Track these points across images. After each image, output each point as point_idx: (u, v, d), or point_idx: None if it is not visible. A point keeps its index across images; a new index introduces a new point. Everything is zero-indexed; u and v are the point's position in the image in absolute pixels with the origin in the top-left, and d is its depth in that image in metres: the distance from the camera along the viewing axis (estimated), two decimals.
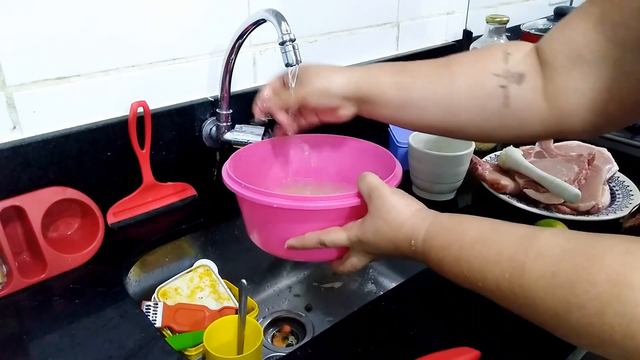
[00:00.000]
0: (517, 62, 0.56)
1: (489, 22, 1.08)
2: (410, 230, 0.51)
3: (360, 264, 0.57)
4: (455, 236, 0.47)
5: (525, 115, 0.56)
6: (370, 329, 0.59)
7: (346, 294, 0.89)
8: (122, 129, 0.73)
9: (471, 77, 0.57)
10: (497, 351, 0.55)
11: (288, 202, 0.54)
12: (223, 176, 0.61)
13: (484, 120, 0.58)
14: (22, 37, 0.63)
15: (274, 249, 0.62)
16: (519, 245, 0.42)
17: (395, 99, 0.60)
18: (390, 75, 0.61)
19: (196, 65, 0.80)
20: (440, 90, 0.58)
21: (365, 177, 0.55)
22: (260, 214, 0.60)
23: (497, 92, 0.56)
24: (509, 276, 0.41)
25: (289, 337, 0.80)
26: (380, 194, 0.53)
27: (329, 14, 0.95)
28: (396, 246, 0.52)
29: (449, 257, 0.47)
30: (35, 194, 0.65)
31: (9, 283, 0.62)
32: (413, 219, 0.51)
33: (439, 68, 0.60)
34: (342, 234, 0.55)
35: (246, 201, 0.58)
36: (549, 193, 0.80)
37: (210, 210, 0.81)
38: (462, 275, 0.46)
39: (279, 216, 0.57)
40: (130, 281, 0.71)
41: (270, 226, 0.60)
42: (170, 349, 0.55)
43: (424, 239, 0.50)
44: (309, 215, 0.56)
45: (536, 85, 0.55)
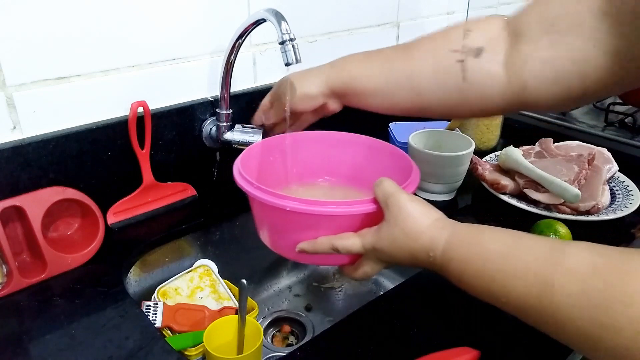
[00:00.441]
0: (476, 36, 0.56)
1: None
2: (428, 240, 0.49)
3: (373, 272, 0.55)
4: (476, 248, 0.46)
5: (485, 88, 0.55)
6: (370, 329, 0.59)
7: (346, 294, 0.89)
8: (122, 129, 0.73)
9: (430, 56, 0.58)
10: (497, 351, 0.55)
11: (301, 206, 0.53)
12: (234, 174, 0.60)
13: (446, 97, 0.58)
14: (22, 37, 0.63)
15: (284, 251, 0.60)
16: (546, 260, 0.40)
17: (363, 88, 0.63)
18: (355, 65, 0.64)
19: (196, 65, 0.80)
20: (402, 74, 0.60)
21: (381, 183, 0.53)
22: (271, 216, 0.58)
23: (454, 67, 0.56)
24: (536, 292, 0.39)
25: (289, 337, 0.80)
26: (397, 201, 0.51)
27: (329, 14, 0.95)
28: (413, 256, 0.50)
29: (471, 271, 0.45)
30: (35, 194, 0.65)
31: (9, 283, 0.62)
32: (431, 229, 0.49)
33: (399, 52, 0.62)
34: (356, 241, 0.53)
35: (257, 202, 0.57)
36: (549, 193, 0.80)
37: (210, 210, 0.81)
38: (484, 290, 0.44)
39: (291, 219, 0.55)
40: (130, 281, 0.71)
41: (281, 228, 0.59)
42: (170, 349, 0.55)
43: (443, 251, 0.48)
44: (322, 219, 0.54)
45: (496, 57, 0.54)
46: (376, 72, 0.62)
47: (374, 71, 0.62)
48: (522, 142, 0.95)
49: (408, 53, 0.61)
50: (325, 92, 0.65)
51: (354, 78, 0.63)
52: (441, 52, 0.57)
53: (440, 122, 1.00)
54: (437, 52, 0.58)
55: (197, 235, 0.80)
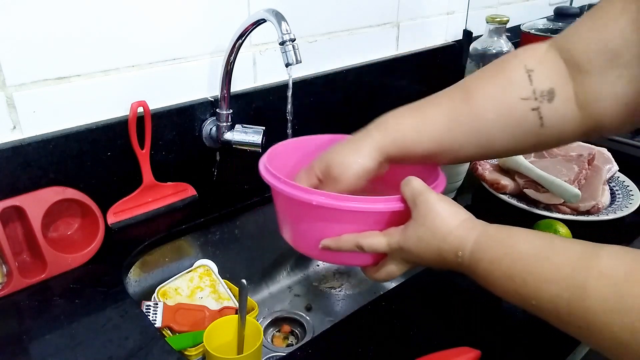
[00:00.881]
0: (542, 77, 0.51)
1: (489, 22, 1.08)
2: (457, 240, 0.48)
3: (398, 272, 0.54)
4: (506, 249, 0.45)
5: (562, 129, 0.53)
6: (370, 329, 0.59)
7: (346, 294, 0.89)
8: (122, 129, 0.73)
9: (498, 108, 0.53)
10: (497, 351, 0.55)
11: (328, 201, 0.52)
12: (260, 169, 0.59)
13: (521, 143, 0.55)
14: (22, 37, 0.63)
15: (306, 249, 0.59)
16: (578, 263, 0.39)
17: (426, 150, 0.56)
18: (410, 125, 0.56)
19: (196, 65, 0.80)
20: (469, 128, 0.54)
21: (410, 182, 0.52)
22: (296, 211, 0.57)
23: (529, 116, 0.52)
24: (568, 296, 0.38)
25: (289, 337, 0.80)
26: (426, 200, 0.50)
27: (329, 14, 0.95)
28: (440, 256, 0.49)
29: (499, 272, 0.44)
30: (35, 194, 0.65)
31: (9, 283, 0.62)
32: (460, 228, 0.48)
33: (458, 102, 0.55)
34: (381, 239, 0.52)
35: (282, 196, 0.56)
36: (549, 193, 0.80)
37: (210, 210, 0.81)
38: (513, 292, 0.43)
39: (317, 214, 0.54)
40: (130, 281, 0.71)
41: (305, 224, 0.57)
42: (170, 349, 0.55)
43: (471, 251, 0.47)
44: (348, 215, 0.53)
45: (568, 95, 0.51)
46: (438, 130, 0.55)
47: (435, 129, 0.55)
48: None
49: (470, 103, 0.54)
50: (379, 161, 0.56)
51: (414, 141, 0.56)
52: (510, 100, 0.53)
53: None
54: (505, 101, 0.53)
55: (197, 235, 0.80)
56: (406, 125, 0.56)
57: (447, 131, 0.55)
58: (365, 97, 1.07)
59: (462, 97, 0.55)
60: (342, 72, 1.00)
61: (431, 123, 0.56)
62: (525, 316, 0.59)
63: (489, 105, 0.53)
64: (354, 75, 1.02)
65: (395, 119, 0.58)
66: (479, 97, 0.54)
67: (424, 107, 0.57)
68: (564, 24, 1.25)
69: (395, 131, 0.56)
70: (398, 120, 0.57)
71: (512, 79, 0.53)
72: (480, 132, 0.54)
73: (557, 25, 1.25)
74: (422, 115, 0.56)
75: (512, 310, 0.60)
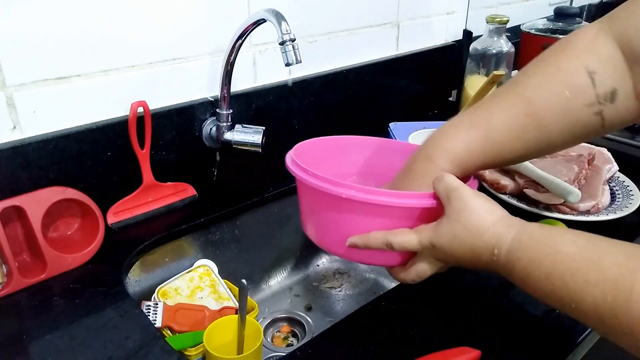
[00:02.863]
0: (604, 78, 0.50)
1: (489, 22, 1.08)
2: (493, 238, 0.46)
3: (429, 271, 0.52)
4: (547, 249, 0.43)
5: (622, 122, 0.52)
6: (370, 329, 0.59)
7: (346, 294, 0.89)
8: (122, 129, 0.73)
9: (562, 118, 0.52)
10: (497, 351, 0.55)
11: (359, 194, 0.50)
12: (287, 162, 0.57)
13: (580, 140, 0.55)
14: (22, 37, 0.63)
15: (332, 246, 0.58)
16: (624, 265, 0.37)
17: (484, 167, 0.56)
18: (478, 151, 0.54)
19: (196, 65, 0.80)
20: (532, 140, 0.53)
21: (443, 178, 0.50)
22: (324, 205, 0.55)
23: (592, 119, 0.51)
24: (612, 300, 0.37)
25: (289, 337, 0.80)
26: (461, 196, 0.48)
27: (329, 14, 0.95)
28: (475, 254, 0.47)
29: (538, 273, 0.43)
30: (35, 194, 0.65)
31: (9, 283, 0.62)
32: (497, 226, 0.47)
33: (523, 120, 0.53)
34: (412, 237, 0.50)
35: (310, 189, 0.54)
36: (549, 193, 0.80)
37: (210, 210, 0.81)
38: (551, 294, 0.42)
39: (346, 208, 0.52)
40: (130, 281, 0.71)
41: (333, 219, 0.55)
42: (170, 349, 0.55)
43: (509, 249, 0.45)
44: (378, 210, 0.51)
45: (628, 91, 0.50)
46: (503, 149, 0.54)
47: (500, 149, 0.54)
48: None
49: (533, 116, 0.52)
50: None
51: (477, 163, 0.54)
52: (574, 109, 0.51)
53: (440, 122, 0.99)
54: (570, 110, 0.51)
55: (197, 235, 0.80)
56: (472, 148, 0.54)
57: (510, 147, 0.54)
58: (365, 97, 1.07)
59: (525, 111, 0.53)
60: (342, 72, 1.00)
61: (497, 143, 0.54)
62: (525, 316, 0.59)
63: (553, 117, 0.52)
64: (354, 75, 1.02)
65: (456, 141, 0.54)
66: (543, 109, 0.52)
67: (484, 124, 0.54)
68: (564, 24, 1.25)
69: (461, 155, 0.54)
70: (461, 143, 0.54)
71: (575, 84, 0.51)
72: (542, 141, 0.53)
73: (557, 25, 1.25)
74: (486, 134, 0.54)
75: (512, 310, 0.60)
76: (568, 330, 0.57)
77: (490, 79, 0.87)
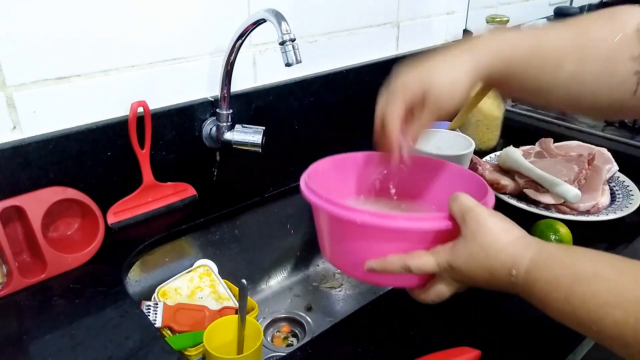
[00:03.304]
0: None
1: (489, 22, 1.08)
2: (510, 258, 0.45)
3: (448, 292, 0.51)
4: (566, 270, 0.42)
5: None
6: (370, 329, 0.59)
7: (346, 294, 0.89)
8: (122, 129, 0.73)
9: (603, 59, 0.51)
10: (497, 351, 0.55)
11: (373, 219, 0.49)
12: (301, 186, 0.57)
13: (607, 106, 0.54)
14: (22, 37, 0.63)
15: (349, 270, 0.57)
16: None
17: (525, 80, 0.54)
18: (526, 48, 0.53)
19: (196, 65, 0.80)
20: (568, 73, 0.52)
21: (458, 198, 0.49)
22: (338, 230, 0.55)
23: (629, 79, 0.51)
24: (634, 322, 0.36)
25: (289, 337, 0.80)
26: (476, 215, 0.47)
27: (329, 14, 0.95)
28: (492, 275, 0.46)
29: (557, 293, 0.42)
30: (35, 194, 0.65)
31: (9, 283, 0.62)
32: (514, 246, 0.46)
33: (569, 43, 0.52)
34: (429, 259, 0.49)
35: (324, 215, 0.54)
36: (549, 193, 0.80)
37: (210, 210, 0.81)
38: (571, 315, 0.41)
39: (360, 233, 0.52)
40: (130, 281, 0.71)
41: (348, 244, 0.54)
42: (170, 349, 0.55)
43: (527, 270, 0.44)
44: (393, 234, 0.51)
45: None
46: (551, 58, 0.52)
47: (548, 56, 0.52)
48: (522, 142, 0.95)
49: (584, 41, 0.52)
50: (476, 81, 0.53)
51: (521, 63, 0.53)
52: (618, 57, 0.51)
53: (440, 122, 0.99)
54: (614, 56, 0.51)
55: (197, 235, 0.80)
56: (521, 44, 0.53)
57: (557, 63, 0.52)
58: (365, 97, 1.07)
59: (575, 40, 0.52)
60: (342, 72, 1.00)
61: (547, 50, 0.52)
62: (525, 316, 0.59)
63: (597, 55, 0.52)
64: (354, 75, 1.02)
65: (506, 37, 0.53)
66: (590, 43, 0.52)
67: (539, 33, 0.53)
68: None
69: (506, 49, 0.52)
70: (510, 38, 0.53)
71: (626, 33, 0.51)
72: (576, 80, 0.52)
73: None
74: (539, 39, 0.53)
75: (512, 310, 0.60)
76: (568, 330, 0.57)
77: None
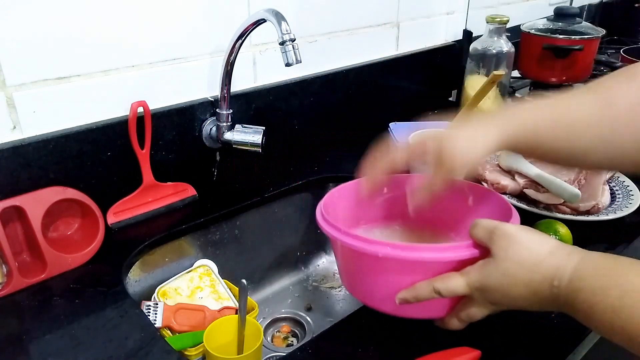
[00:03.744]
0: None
1: (489, 22, 1.08)
2: (552, 269, 0.43)
3: (480, 314, 0.50)
4: (613, 280, 0.40)
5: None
6: (370, 329, 0.59)
7: (346, 294, 0.89)
8: (122, 129, 0.73)
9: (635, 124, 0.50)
10: (498, 351, 0.55)
11: (396, 252, 0.48)
12: (317, 218, 0.55)
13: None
14: (22, 37, 0.63)
15: (375, 304, 0.56)
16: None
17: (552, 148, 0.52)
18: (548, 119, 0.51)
19: (196, 65, 0.80)
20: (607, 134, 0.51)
21: (478, 224, 0.48)
22: (361, 264, 0.53)
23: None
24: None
25: (289, 337, 0.80)
26: (505, 232, 0.46)
27: (329, 14, 0.95)
28: (531, 290, 0.44)
29: (603, 305, 0.40)
30: (35, 194, 0.65)
31: (9, 283, 0.62)
32: (554, 256, 0.44)
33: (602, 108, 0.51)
34: (459, 281, 0.48)
35: (344, 249, 0.52)
36: (549, 193, 0.80)
37: (210, 210, 0.81)
38: (619, 329, 0.39)
39: (384, 267, 0.51)
40: (130, 281, 0.71)
41: (372, 278, 0.53)
42: (170, 349, 0.55)
43: (570, 279, 0.42)
44: (418, 266, 0.50)
45: None
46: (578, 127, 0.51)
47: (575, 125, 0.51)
48: None
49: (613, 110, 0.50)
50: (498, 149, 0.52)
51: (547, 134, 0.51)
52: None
53: (440, 122, 0.99)
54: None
55: (197, 235, 0.80)
56: (542, 114, 0.52)
57: (585, 129, 0.50)
58: (365, 97, 1.07)
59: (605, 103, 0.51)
60: (342, 72, 1.00)
61: (571, 118, 0.51)
62: (525, 316, 0.59)
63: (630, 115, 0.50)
64: (354, 75, 1.02)
65: (527, 108, 0.53)
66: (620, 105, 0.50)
67: (561, 101, 0.52)
68: (563, 24, 1.25)
69: (528, 119, 0.51)
70: (531, 108, 0.53)
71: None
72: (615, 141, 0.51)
73: (557, 25, 1.25)
74: (561, 108, 0.52)
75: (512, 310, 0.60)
76: (568, 330, 0.57)
77: (490, 79, 0.87)
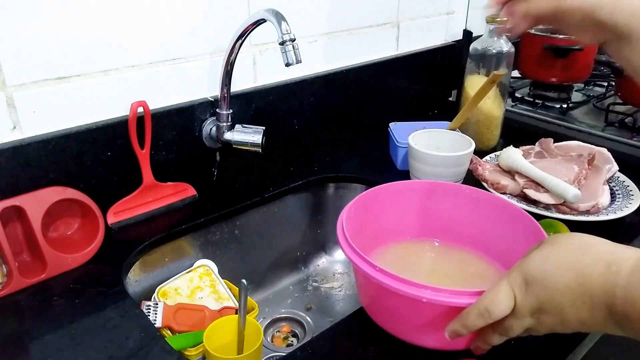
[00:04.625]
0: None
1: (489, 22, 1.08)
2: (606, 254, 0.40)
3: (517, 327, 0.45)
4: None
5: None
6: (370, 329, 0.59)
7: (346, 294, 0.89)
8: (122, 129, 0.73)
9: None
10: (498, 351, 0.55)
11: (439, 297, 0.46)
12: (341, 244, 0.53)
13: None
14: (22, 37, 0.63)
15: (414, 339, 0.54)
16: None
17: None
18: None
19: (196, 65, 0.80)
20: None
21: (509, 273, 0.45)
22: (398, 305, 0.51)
23: None
24: None
25: (289, 337, 0.80)
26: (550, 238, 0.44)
27: (329, 14, 0.95)
28: (579, 273, 0.40)
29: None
30: (35, 194, 0.65)
31: (9, 283, 0.62)
32: (608, 244, 0.41)
33: None
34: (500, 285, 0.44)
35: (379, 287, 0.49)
36: (549, 193, 0.80)
37: (210, 210, 0.81)
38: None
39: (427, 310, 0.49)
40: (130, 281, 0.71)
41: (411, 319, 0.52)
42: (170, 349, 0.55)
43: (634, 269, 0.38)
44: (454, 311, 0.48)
45: None
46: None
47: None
48: (522, 142, 0.95)
49: None
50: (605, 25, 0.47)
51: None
52: None
53: (440, 122, 1.00)
54: None
55: (197, 235, 0.80)
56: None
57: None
58: (365, 97, 1.07)
59: None
60: (342, 72, 1.00)
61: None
62: None
63: None
64: (354, 75, 1.02)
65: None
66: None
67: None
68: None
69: None
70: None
71: None
72: None
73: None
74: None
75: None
76: None
77: (490, 79, 0.87)
